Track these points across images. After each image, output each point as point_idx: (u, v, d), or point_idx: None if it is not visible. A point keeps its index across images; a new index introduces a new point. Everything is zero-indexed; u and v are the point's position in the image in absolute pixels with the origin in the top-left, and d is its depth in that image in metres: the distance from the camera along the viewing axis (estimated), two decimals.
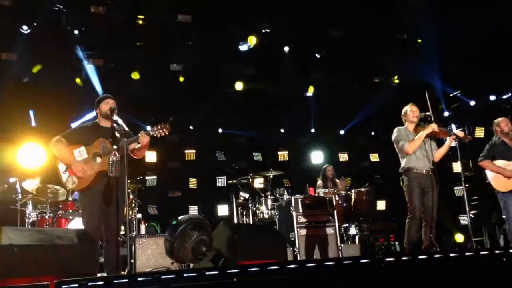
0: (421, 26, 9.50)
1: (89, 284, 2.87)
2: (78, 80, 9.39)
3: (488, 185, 6.21)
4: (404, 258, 3.98)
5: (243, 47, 9.69)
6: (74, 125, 9.16)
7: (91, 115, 8.21)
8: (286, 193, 7.94)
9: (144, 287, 2.99)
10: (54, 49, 8.65)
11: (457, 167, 8.24)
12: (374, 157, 11.84)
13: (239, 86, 10.51)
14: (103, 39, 8.93)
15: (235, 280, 3.18)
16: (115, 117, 4.56)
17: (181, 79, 10.12)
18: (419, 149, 5.63)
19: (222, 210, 10.12)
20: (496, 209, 8.85)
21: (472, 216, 5.54)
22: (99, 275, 4.10)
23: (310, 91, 11.19)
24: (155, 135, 4.50)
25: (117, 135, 4.44)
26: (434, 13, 8.83)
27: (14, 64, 8.63)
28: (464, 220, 9.68)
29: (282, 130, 11.50)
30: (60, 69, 8.98)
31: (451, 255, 4.17)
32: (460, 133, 5.55)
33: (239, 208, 8.51)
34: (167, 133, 4.52)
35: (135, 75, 9.70)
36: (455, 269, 3.91)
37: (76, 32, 8.82)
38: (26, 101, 9.02)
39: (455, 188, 9.76)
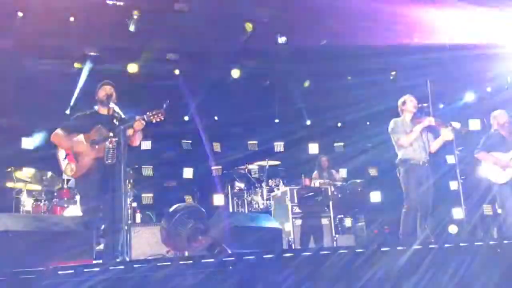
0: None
1: (85, 270, 2.87)
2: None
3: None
4: (399, 248, 4.00)
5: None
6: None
7: None
8: (281, 183, 7.96)
9: (139, 274, 2.99)
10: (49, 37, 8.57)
11: (451, 159, 8.29)
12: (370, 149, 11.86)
13: (235, 75, 10.46)
14: (99, 28, 8.84)
15: (230, 268, 3.19)
16: (111, 104, 4.56)
17: (177, 71, 10.10)
18: (416, 140, 5.64)
19: (218, 200, 10.11)
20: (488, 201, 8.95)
21: (465, 207, 5.55)
22: (94, 262, 4.10)
23: (306, 84, 11.18)
24: (150, 120, 4.47)
25: (115, 122, 4.41)
26: None
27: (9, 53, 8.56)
28: (458, 212, 9.72)
29: (276, 120, 11.48)
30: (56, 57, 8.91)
31: (446, 245, 4.20)
32: (457, 125, 5.55)
33: (235, 198, 8.52)
34: (162, 118, 4.46)
35: (132, 68, 9.65)
36: (450, 259, 3.93)
37: (71, 19, 8.74)
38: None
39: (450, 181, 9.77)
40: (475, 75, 9.96)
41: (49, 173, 7.16)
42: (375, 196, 10.27)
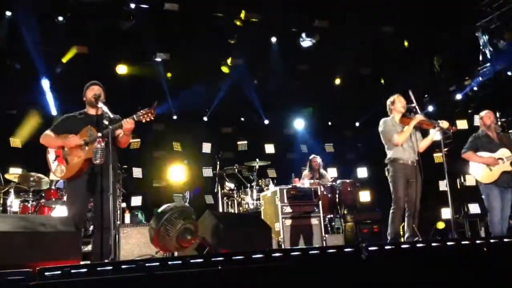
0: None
1: (72, 271, 2.84)
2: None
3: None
4: (387, 247, 4.03)
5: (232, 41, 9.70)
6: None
7: None
8: (271, 183, 7.96)
9: (128, 274, 2.97)
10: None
11: (439, 158, 8.38)
12: (360, 149, 11.95)
13: (225, 75, 10.46)
14: (89, 27, 8.80)
15: (219, 268, 3.19)
16: (100, 104, 4.54)
17: (169, 74, 10.10)
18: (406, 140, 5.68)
19: (208, 200, 10.10)
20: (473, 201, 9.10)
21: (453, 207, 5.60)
22: (82, 263, 4.07)
23: (297, 83, 11.21)
24: (140, 120, 4.45)
25: (105, 122, 4.38)
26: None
27: None
28: (446, 212, 9.80)
29: (266, 122, 11.50)
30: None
31: (433, 244, 4.24)
32: (445, 124, 5.59)
33: (225, 198, 8.50)
34: (152, 118, 4.44)
35: (121, 69, 9.64)
36: (437, 258, 3.97)
37: (60, 18, 8.69)
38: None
39: (439, 181, 9.84)
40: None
41: (37, 174, 7.10)
42: (365, 196, 10.35)
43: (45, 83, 9.10)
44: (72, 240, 3.78)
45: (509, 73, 9.69)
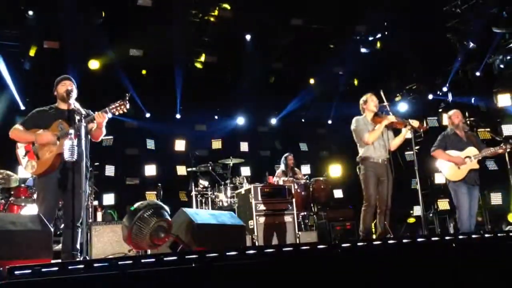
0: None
1: (43, 270, 2.79)
2: None
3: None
4: (359, 244, 4.08)
5: None
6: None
7: None
8: (245, 181, 7.98)
9: (100, 273, 2.94)
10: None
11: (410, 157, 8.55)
12: (333, 147, 12.08)
13: (199, 72, 10.40)
14: (60, 22, 8.63)
15: (193, 265, 3.18)
16: (71, 100, 4.47)
17: (143, 71, 10.01)
18: (377, 139, 5.76)
19: (182, 198, 10.05)
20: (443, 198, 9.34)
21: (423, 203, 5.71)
22: (52, 261, 4.00)
23: (272, 80, 11.25)
24: (113, 113, 4.39)
25: (77, 117, 4.31)
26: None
27: None
28: (418, 209, 10.00)
29: (240, 120, 11.49)
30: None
31: (404, 241, 4.32)
32: (416, 124, 5.70)
33: (198, 196, 8.47)
34: (125, 111, 4.40)
35: (94, 64, 9.49)
36: (408, 254, 4.04)
37: (30, 12, 8.49)
38: None
39: (412, 179, 10.02)
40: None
41: (6, 171, 6.93)
42: (338, 193, 10.48)
43: (13, 78, 8.90)
44: (43, 238, 3.71)
45: (477, 74, 9.95)
